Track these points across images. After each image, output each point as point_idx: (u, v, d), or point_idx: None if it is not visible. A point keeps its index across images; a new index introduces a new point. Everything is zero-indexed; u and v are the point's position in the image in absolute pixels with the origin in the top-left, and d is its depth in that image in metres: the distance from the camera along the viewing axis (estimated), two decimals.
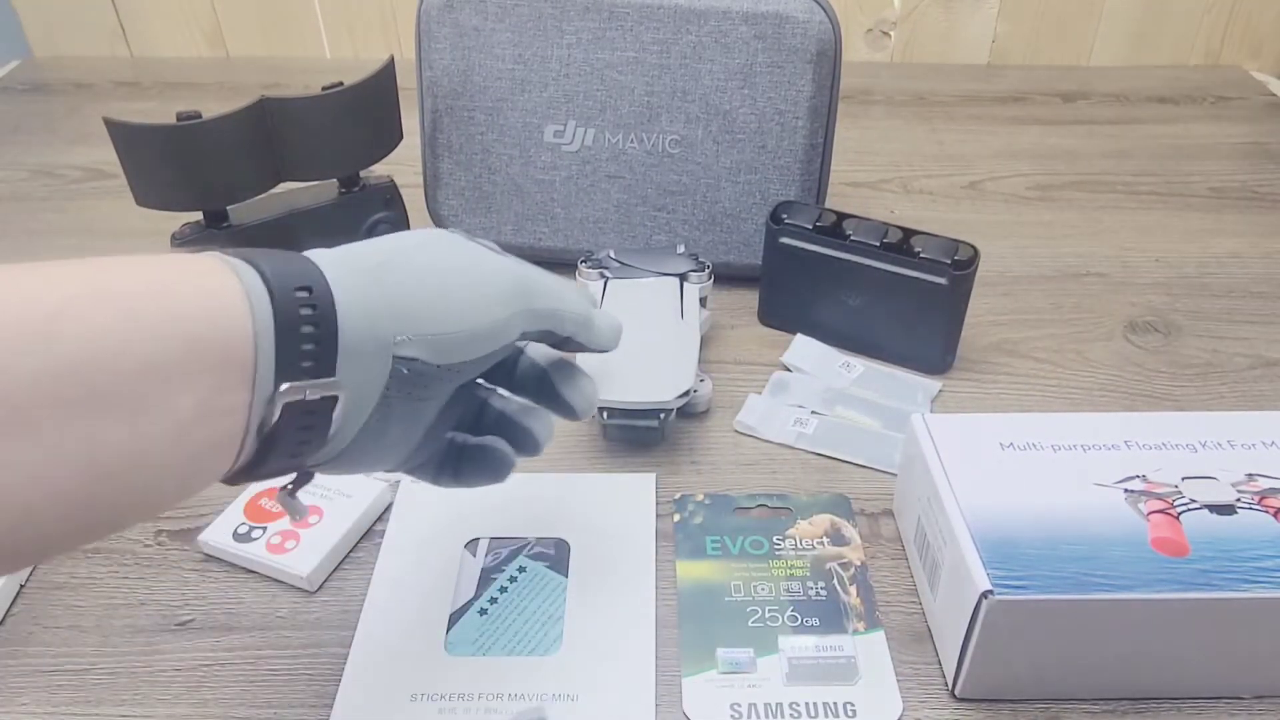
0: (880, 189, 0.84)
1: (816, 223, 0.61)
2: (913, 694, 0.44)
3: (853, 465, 0.56)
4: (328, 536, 0.49)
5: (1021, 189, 0.84)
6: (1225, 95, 1.00)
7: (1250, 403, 0.60)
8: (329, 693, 0.43)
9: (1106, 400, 0.61)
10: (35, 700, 0.43)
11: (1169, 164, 0.88)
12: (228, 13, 1.05)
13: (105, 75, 1.03)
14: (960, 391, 0.61)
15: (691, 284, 0.60)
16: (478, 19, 0.64)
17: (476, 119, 0.67)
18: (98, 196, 0.81)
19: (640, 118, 0.66)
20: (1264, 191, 0.84)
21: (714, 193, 0.67)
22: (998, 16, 1.04)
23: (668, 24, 0.63)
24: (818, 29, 0.63)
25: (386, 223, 0.68)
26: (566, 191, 0.68)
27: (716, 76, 0.64)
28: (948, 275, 0.58)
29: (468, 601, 0.47)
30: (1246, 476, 0.45)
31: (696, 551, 0.50)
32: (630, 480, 0.54)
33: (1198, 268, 0.73)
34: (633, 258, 0.62)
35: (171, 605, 0.48)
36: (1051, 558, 0.41)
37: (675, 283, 0.60)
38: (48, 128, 0.93)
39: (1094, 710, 0.43)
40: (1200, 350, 0.65)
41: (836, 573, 0.49)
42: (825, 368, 0.62)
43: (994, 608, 0.40)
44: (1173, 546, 0.41)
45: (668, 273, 0.61)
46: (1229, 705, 0.43)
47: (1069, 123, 0.95)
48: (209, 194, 0.60)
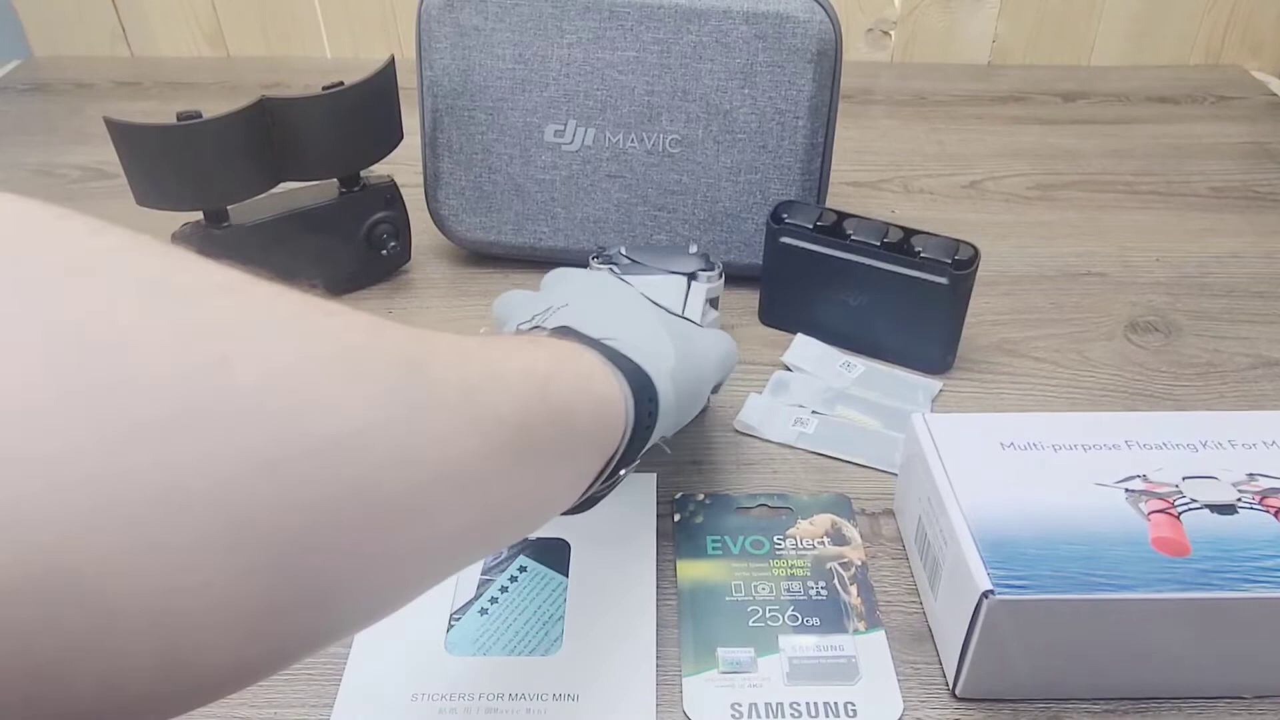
0: (880, 189, 0.84)
1: (817, 222, 0.61)
2: (913, 694, 0.44)
3: (853, 465, 0.56)
4: None
5: (1022, 189, 0.84)
6: (1225, 95, 1.00)
7: (1251, 402, 0.60)
8: (329, 693, 0.43)
9: (1107, 400, 0.61)
10: None
11: (1169, 164, 0.88)
12: (228, 13, 1.05)
13: (105, 75, 1.03)
14: (961, 391, 0.61)
15: (699, 283, 0.59)
16: (478, 19, 0.64)
17: (477, 119, 0.67)
18: (98, 196, 0.81)
19: (640, 117, 0.66)
20: (1264, 191, 0.84)
21: (714, 192, 0.67)
22: (998, 16, 1.04)
23: (668, 23, 0.63)
24: (818, 29, 0.63)
25: (387, 223, 0.68)
26: (567, 191, 0.68)
27: (717, 76, 0.64)
28: (948, 275, 0.58)
29: (468, 601, 0.47)
30: (1247, 476, 0.45)
31: (697, 551, 0.50)
32: (630, 480, 0.54)
33: (1198, 267, 0.73)
34: (644, 255, 0.61)
35: None
36: (1052, 557, 0.41)
37: (682, 281, 0.59)
38: (48, 128, 0.93)
39: (1094, 710, 0.43)
40: (1201, 350, 0.65)
41: (837, 572, 0.49)
42: (825, 367, 0.62)
43: (994, 608, 0.39)
44: (1173, 546, 0.41)
45: (676, 271, 0.60)
46: (1229, 705, 0.43)
47: (1069, 122, 0.95)
48: (209, 194, 0.60)
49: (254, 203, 0.63)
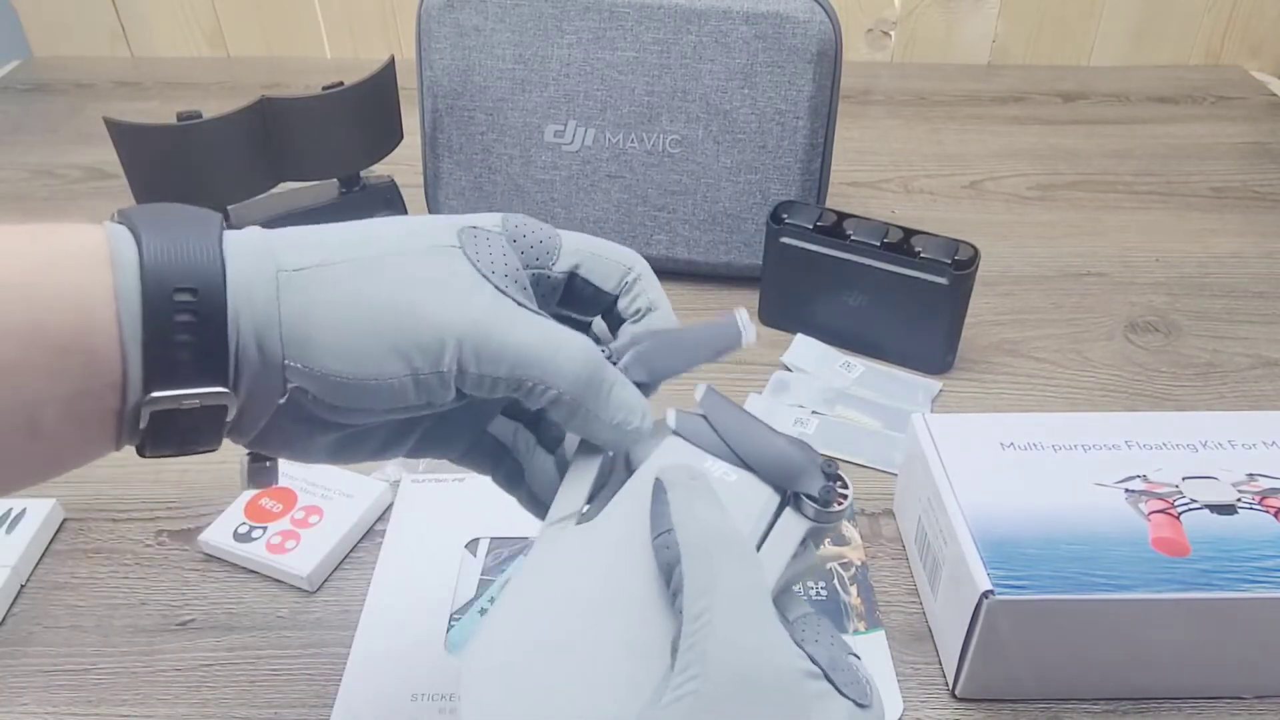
0: (880, 189, 0.84)
1: (817, 223, 0.61)
2: (913, 694, 0.44)
3: (853, 465, 0.56)
4: (328, 536, 0.49)
5: (1022, 189, 0.84)
6: (1225, 95, 1.00)
7: (1251, 403, 0.60)
8: (329, 693, 0.43)
9: (1107, 400, 0.61)
10: (35, 700, 0.43)
11: (1169, 164, 0.88)
12: (228, 13, 1.05)
13: (105, 75, 1.03)
14: (961, 391, 0.61)
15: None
16: (478, 19, 0.64)
17: (477, 119, 0.67)
18: (98, 196, 0.81)
19: (640, 118, 0.66)
20: (1264, 191, 0.84)
21: (714, 193, 0.67)
22: (998, 16, 1.04)
23: (668, 24, 0.63)
24: (818, 29, 0.63)
25: None
26: (567, 191, 0.68)
27: (717, 76, 0.64)
28: (948, 275, 0.58)
29: (468, 601, 0.47)
30: (1247, 476, 0.45)
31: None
32: None
33: (1198, 267, 0.73)
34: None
35: (172, 605, 0.48)
36: (1052, 558, 0.41)
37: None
38: (48, 128, 0.93)
39: (1094, 710, 0.43)
40: (1201, 350, 0.65)
41: (837, 572, 0.49)
42: (826, 368, 0.62)
43: (994, 608, 0.39)
44: (1173, 546, 0.41)
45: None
46: (1229, 705, 0.43)
47: (1069, 123, 0.95)
48: (209, 194, 0.60)
49: (254, 203, 0.63)
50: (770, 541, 0.31)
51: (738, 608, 0.27)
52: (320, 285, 0.29)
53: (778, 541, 0.31)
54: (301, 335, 0.28)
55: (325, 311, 0.28)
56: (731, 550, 0.28)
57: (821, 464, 0.32)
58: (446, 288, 0.30)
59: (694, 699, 0.25)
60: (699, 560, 0.28)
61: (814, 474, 0.32)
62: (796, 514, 0.32)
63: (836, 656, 0.28)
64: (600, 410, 0.31)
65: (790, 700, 0.26)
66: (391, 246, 0.30)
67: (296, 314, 0.28)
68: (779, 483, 0.32)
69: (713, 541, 0.28)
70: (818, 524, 0.32)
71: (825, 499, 0.32)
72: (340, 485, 0.52)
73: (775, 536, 0.31)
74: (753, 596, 0.28)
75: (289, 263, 0.29)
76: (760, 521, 0.31)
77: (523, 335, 0.30)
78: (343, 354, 0.28)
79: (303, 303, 0.28)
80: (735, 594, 0.27)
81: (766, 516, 0.32)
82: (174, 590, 0.48)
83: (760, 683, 0.26)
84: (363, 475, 0.52)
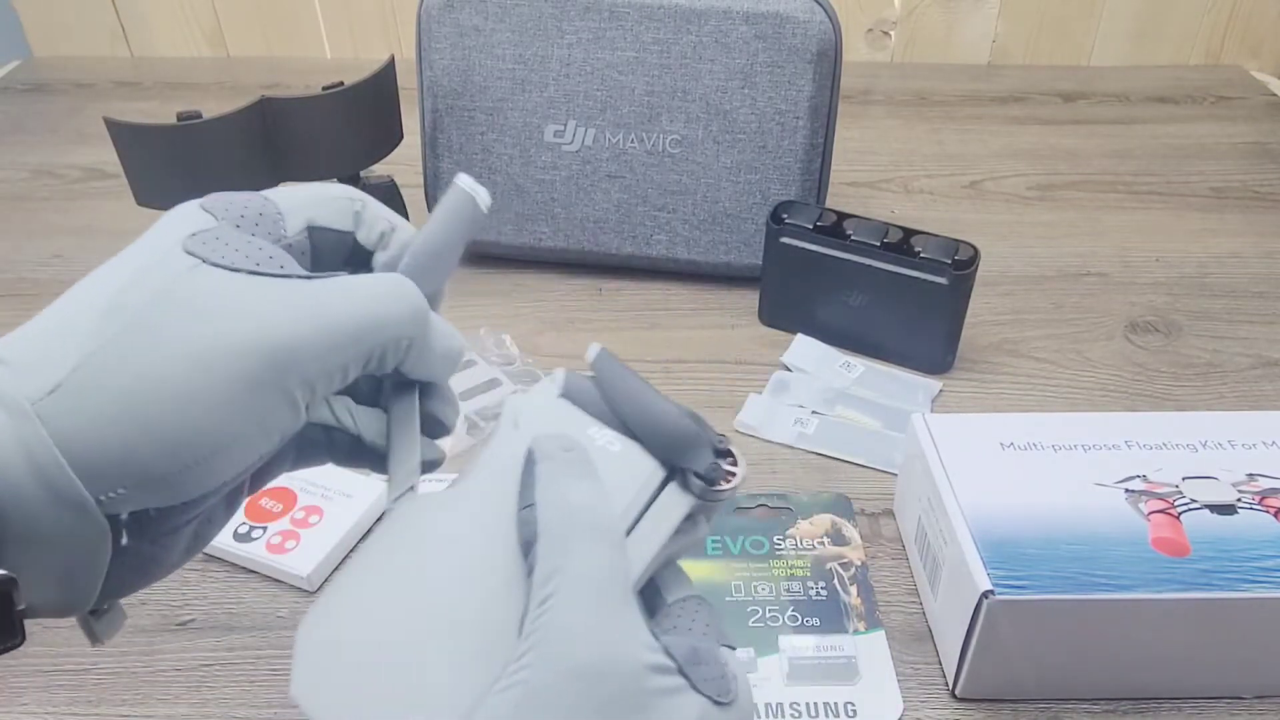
0: (880, 189, 0.84)
1: (817, 222, 0.61)
2: (913, 694, 0.44)
3: (853, 465, 0.56)
4: (328, 536, 0.49)
5: (1022, 189, 0.84)
6: (1225, 95, 1.00)
7: (1251, 403, 0.60)
8: None
9: (1107, 400, 0.61)
10: (35, 700, 0.43)
11: (1169, 164, 0.88)
12: (228, 13, 1.05)
13: (105, 75, 1.03)
14: (961, 391, 0.61)
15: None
16: (478, 19, 0.64)
17: (476, 119, 0.67)
18: (98, 196, 0.81)
19: (640, 118, 0.66)
20: (1264, 191, 0.84)
21: (714, 193, 0.67)
22: (998, 16, 1.04)
23: (668, 24, 0.63)
24: (818, 29, 0.63)
25: None
26: (567, 191, 0.68)
27: (717, 76, 0.64)
28: (948, 275, 0.58)
29: None
30: (1247, 476, 0.45)
31: (696, 551, 0.50)
32: None
33: (1198, 268, 0.73)
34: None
35: (172, 605, 0.48)
36: (1052, 558, 0.41)
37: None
38: (48, 128, 0.93)
39: (1094, 710, 0.43)
40: (1201, 350, 0.65)
41: (837, 572, 0.49)
42: (825, 367, 0.62)
43: (994, 608, 0.39)
44: (1173, 546, 0.41)
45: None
46: (1229, 705, 0.43)
47: (1069, 123, 0.95)
48: (208, 194, 0.60)
49: None
50: (648, 519, 0.29)
51: (585, 594, 0.25)
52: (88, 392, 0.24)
53: (656, 519, 0.29)
54: (111, 457, 0.24)
55: (126, 411, 0.24)
56: (591, 532, 0.26)
57: (713, 439, 0.31)
58: (229, 308, 0.26)
59: (523, 689, 0.23)
60: (553, 541, 0.26)
61: (703, 449, 0.30)
62: (681, 490, 0.30)
63: (702, 648, 0.27)
64: (433, 340, 0.29)
65: (628, 694, 0.24)
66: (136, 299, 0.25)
67: (88, 438, 0.23)
68: (664, 456, 0.30)
69: (572, 521, 0.26)
70: (702, 501, 0.30)
71: (711, 477, 0.30)
72: (340, 485, 0.52)
73: (654, 514, 0.29)
74: (606, 582, 0.26)
75: (41, 385, 0.24)
76: (640, 496, 0.30)
77: (346, 308, 0.27)
78: (172, 446, 0.24)
79: (94, 414, 0.24)
80: (585, 579, 0.25)
81: (648, 492, 0.30)
82: (174, 590, 0.48)
83: (597, 674, 0.24)
84: (363, 475, 0.52)
